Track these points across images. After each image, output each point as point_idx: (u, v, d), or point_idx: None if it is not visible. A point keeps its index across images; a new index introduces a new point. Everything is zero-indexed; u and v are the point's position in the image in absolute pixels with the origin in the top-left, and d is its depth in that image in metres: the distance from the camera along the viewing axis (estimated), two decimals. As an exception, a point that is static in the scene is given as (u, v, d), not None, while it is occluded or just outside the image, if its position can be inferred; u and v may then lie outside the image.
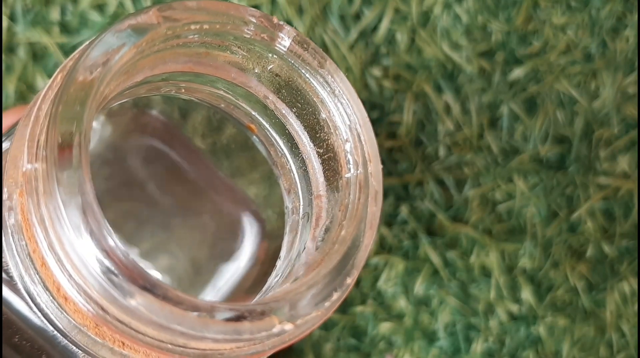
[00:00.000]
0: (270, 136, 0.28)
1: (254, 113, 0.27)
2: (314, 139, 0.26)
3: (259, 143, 0.28)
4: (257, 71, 0.26)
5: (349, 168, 0.25)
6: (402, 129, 0.44)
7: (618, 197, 0.47)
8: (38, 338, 0.25)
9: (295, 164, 0.27)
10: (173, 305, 0.20)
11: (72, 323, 0.22)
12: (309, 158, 0.27)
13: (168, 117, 0.31)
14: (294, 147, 0.27)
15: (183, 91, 0.27)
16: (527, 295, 0.45)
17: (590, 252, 0.46)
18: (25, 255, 0.22)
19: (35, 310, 0.23)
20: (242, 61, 0.25)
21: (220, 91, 0.27)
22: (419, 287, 0.45)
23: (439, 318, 0.45)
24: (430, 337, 0.45)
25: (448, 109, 0.45)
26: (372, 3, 0.44)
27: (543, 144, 0.46)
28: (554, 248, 0.46)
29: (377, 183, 0.24)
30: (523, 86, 0.46)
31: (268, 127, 0.27)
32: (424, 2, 0.45)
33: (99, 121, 0.30)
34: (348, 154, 0.25)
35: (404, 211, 0.44)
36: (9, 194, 0.22)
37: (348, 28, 0.44)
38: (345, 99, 0.25)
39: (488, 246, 0.45)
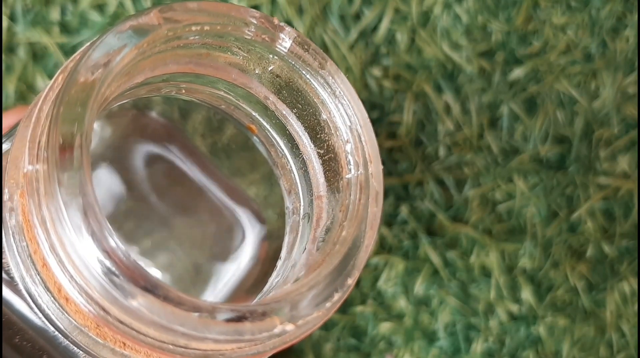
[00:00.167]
0: (271, 136, 0.28)
1: (255, 114, 0.27)
2: (315, 140, 0.26)
3: (260, 144, 0.28)
4: (257, 71, 0.26)
5: (350, 169, 0.25)
6: (402, 129, 0.44)
7: (618, 197, 0.47)
8: (39, 339, 0.25)
9: (296, 165, 0.27)
10: (174, 305, 0.20)
11: (73, 324, 0.23)
12: (310, 159, 0.27)
13: (168, 118, 0.31)
14: (295, 148, 0.27)
15: (183, 91, 0.27)
16: (527, 295, 0.45)
17: (590, 252, 0.46)
18: (27, 255, 0.22)
19: (36, 310, 0.23)
20: (242, 61, 0.25)
21: (221, 91, 0.27)
22: (419, 287, 0.45)
23: (439, 318, 0.45)
24: (430, 337, 0.45)
25: (448, 109, 0.45)
26: (372, 3, 0.44)
27: (543, 144, 0.46)
28: (554, 248, 0.46)
29: (377, 184, 0.25)
30: (523, 86, 0.46)
31: (268, 128, 0.27)
32: (424, 2, 0.45)
33: (100, 121, 0.30)
34: (349, 155, 0.25)
35: (404, 211, 0.44)
36: (10, 195, 0.22)
37: (348, 28, 0.44)
38: (346, 100, 0.25)
39: (488, 246, 0.45)
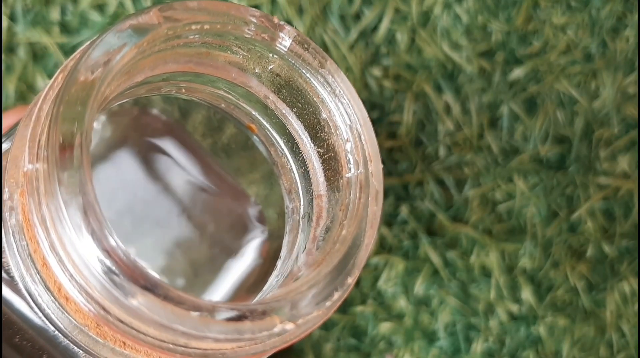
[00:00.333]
0: (271, 136, 0.28)
1: (255, 113, 0.27)
2: (315, 139, 0.26)
3: (260, 143, 0.28)
4: (257, 71, 0.26)
5: (350, 168, 0.25)
6: (402, 129, 0.44)
7: (618, 197, 0.47)
8: (39, 339, 0.25)
9: (296, 164, 0.27)
10: (174, 304, 0.20)
11: (73, 323, 0.22)
12: (310, 158, 0.27)
13: (169, 117, 0.31)
14: (295, 147, 0.27)
15: (183, 91, 0.27)
16: (527, 295, 0.45)
17: (590, 252, 0.46)
18: (27, 255, 0.22)
19: (36, 310, 0.23)
20: (242, 61, 0.25)
21: (221, 91, 0.27)
22: (419, 287, 0.45)
23: (439, 318, 0.45)
24: (430, 337, 0.45)
25: (448, 109, 0.45)
26: (372, 3, 0.44)
27: (543, 144, 0.46)
28: (554, 248, 0.46)
29: (377, 183, 0.24)
30: (523, 86, 0.46)
31: (268, 127, 0.27)
32: (424, 2, 0.45)
33: (100, 121, 0.30)
34: (349, 154, 0.25)
35: (404, 211, 0.44)
36: (10, 195, 0.22)
37: (348, 28, 0.44)
38: (346, 99, 0.25)
39: (488, 246, 0.45)
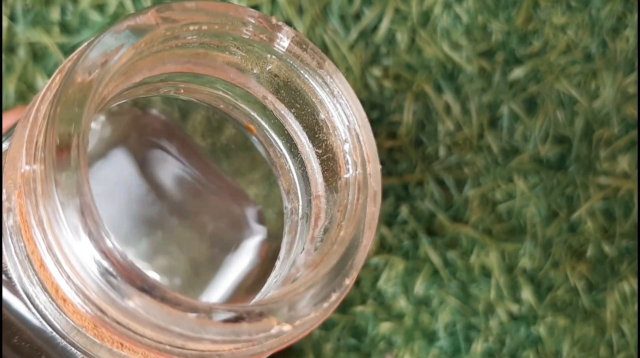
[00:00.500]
0: (270, 136, 0.28)
1: (253, 114, 0.27)
2: (313, 140, 0.26)
3: (258, 144, 0.28)
4: (255, 71, 0.26)
5: (348, 169, 0.25)
6: (402, 129, 0.44)
7: (618, 197, 0.47)
8: (37, 340, 0.25)
9: (294, 165, 0.27)
10: (171, 306, 0.20)
11: (70, 325, 0.22)
12: (308, 159, 0.27)
13: (168, 117, 0.31)
14: (293, 147, 0.27)
15: (182, 91, 0.27)
16: (527, 295, 0.45)
17: (590, 252, 0.46)
18: (24, 256, 0.22)
19: (34, 311, 0.23)
20: (241, 61, 0.25)
21: (219, 91, 0.27)
22: (419, 287, 0.45)
23: (439, 318, 0.45)
24: (430, 337, 0.45)
25: (448, 109, 0.45)
26: (372, 3, 0.44)
27: (543, 144, 0.46)
28: (554, 248, 0.46)
29: (376, 184, 0.24)
30: (523, 86, 0.45)
31: (267, 127, 0.27)
32: (424, 2, 0.45)
33: (99, 121, 0.30)
34: (347, 155, 0.25)
35: (404, 211, 0.44)
36: (8, 196, 0.22)
37: (348, 28, 0.44)
38: (344, 100, 0.25)
39: (488, 246, 0.45)
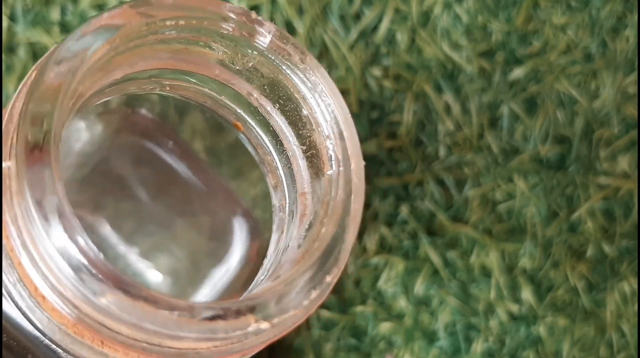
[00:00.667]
0: (256, 133, 0.27)
1: (239, 111, 0.27)
2: (298, 136, 0.26)
3: (246, 141, 0.28)
4: (238, 67, 0.25)
5: (331, 165, 0.25)
6: (402, 129, 0.44)
7: (618, 197, 0.46)
8: (22, 338, 0.25)
9: (281, 162, 0.27)
10: (146, 303, 0.20)
11: (51, 322, 0.22)
12: (294, 155, 0.26)
13: (156, 116, 0.31)
14: (279, 144, 0.27)
15: (167, 88, 0.27)
16: (527, 295, 0.45)
17: (590, 252, 0.46)
18: (5, 254, 0.22)
19: (17, 309, 0.23)
20: (223, 57, 0.25)
21: (205, 88, 0.27)
22: (419, 287, 0.44)
23: (439, 318, 0.44)
24: (430, 337, 0.44)
25: (448, 109, 0.44)
26: (372, 3, 0.44)
27: (543, 144, 0.45)
28: (554, 248, 0.45)
29: (358, 180, 0.24)
30: (523, 86, 0.45)
31: (253, 124, 0.27)
32: (424, 2, 0.45)
33: (89, 120, 0.30)
34: (330, 151, 0.25)
35: (404, 211, 0.44)
36: None
37: (348, 28, 0.44)
38: (327, 96, 0.25)
39: (488, 246, 0.45)
